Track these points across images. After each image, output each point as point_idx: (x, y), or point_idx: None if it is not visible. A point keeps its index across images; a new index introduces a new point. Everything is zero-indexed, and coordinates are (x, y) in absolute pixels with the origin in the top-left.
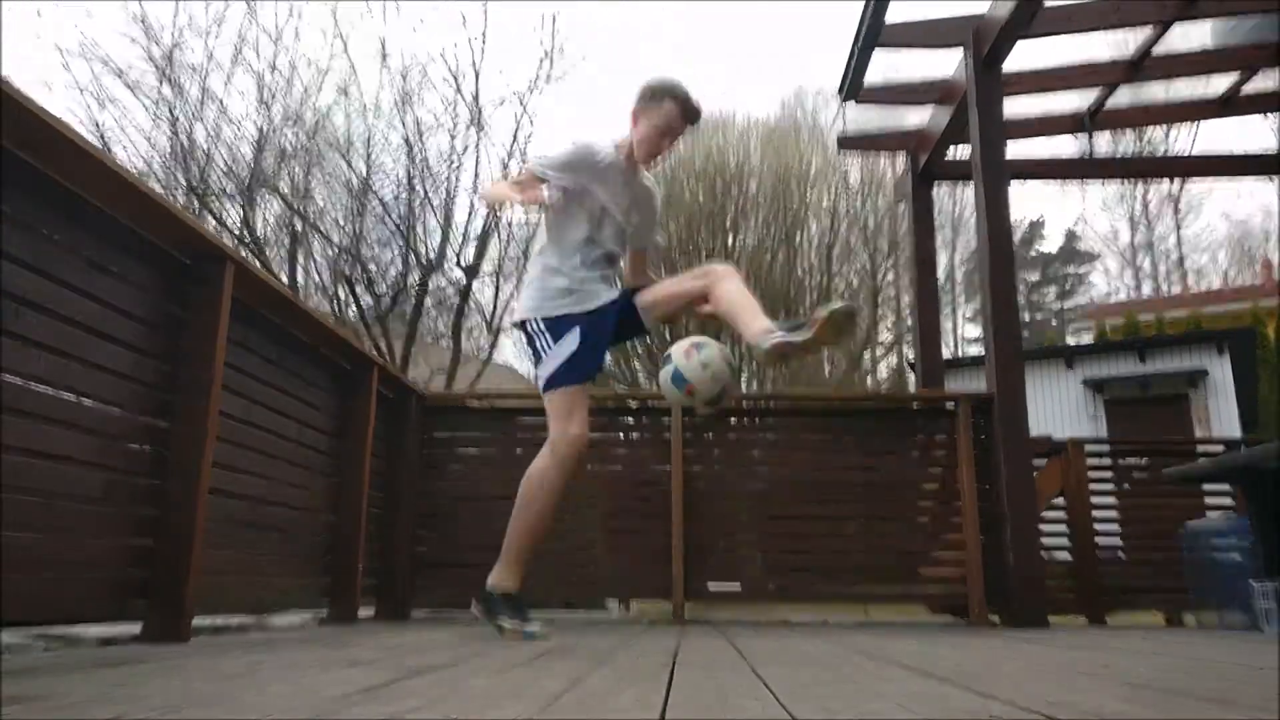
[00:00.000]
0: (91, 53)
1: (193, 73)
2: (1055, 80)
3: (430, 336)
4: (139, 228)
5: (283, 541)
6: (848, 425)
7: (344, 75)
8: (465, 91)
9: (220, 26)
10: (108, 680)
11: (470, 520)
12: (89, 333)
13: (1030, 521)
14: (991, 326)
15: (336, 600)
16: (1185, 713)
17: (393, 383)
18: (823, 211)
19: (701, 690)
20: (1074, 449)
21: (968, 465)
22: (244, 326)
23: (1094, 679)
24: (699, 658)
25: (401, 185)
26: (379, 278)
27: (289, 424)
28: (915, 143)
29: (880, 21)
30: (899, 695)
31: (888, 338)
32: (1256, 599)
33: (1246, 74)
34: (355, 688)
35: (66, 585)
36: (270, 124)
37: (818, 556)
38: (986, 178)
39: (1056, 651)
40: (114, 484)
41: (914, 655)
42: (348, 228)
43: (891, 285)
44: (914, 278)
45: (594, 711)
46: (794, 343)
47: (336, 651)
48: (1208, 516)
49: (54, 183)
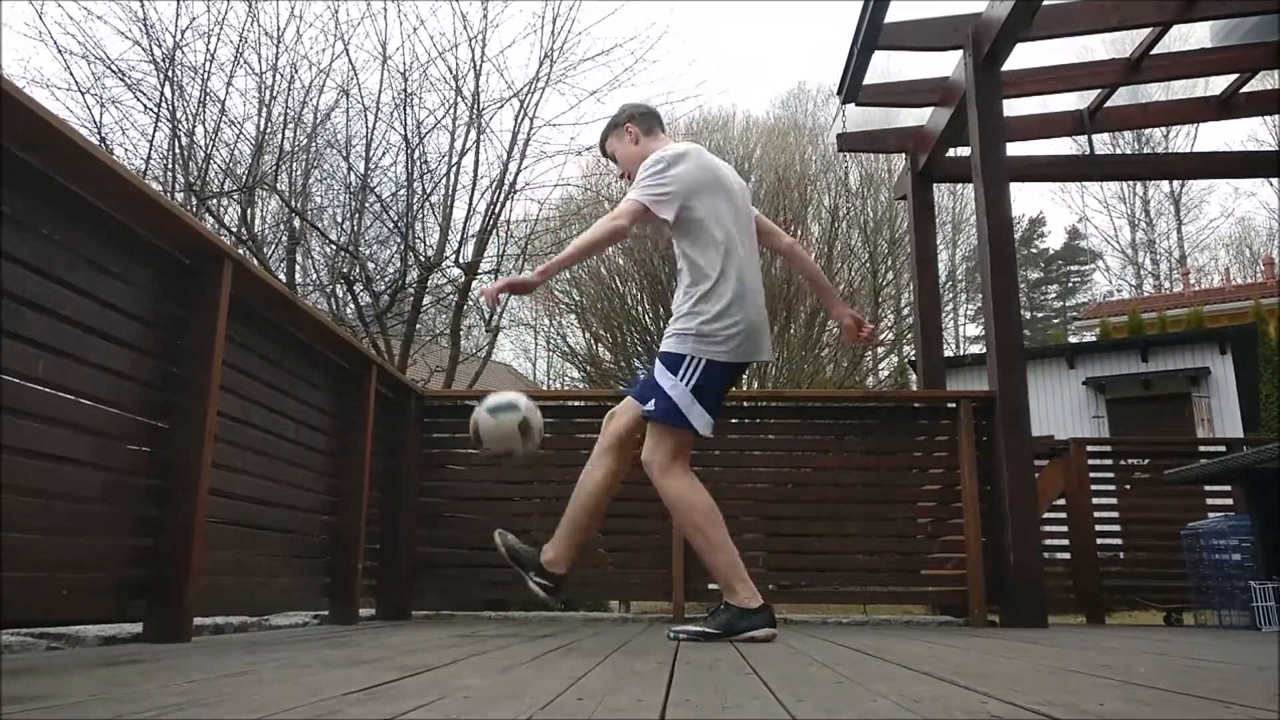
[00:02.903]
0: (92, 53)
1: (194, 74)
2: (1055, 80)
3: (429, 335)
4: (138, 227)
5: (282, 541)
6: (848, 425)
7: (344, 76)
8: (465, 91)
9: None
10: (108, 680)
11: (470, 520)
12: (87, 332)
13: (1031, 522)
14: (993, 326)
15: (336, 600)
16: (1185, 713)
17: (392, 382)
18: (823, 210)
19: (701, 690)
20: (1076, 449)
21: (969, 465)
22: (242, 326)
23: (1094, 679)
24: (699, 658)
25: (400, 184)
26: (378, 276)
27: (288, 423)
28: (915, 142)
29: (879, 22)
30: (899, 695)
31: (889, 337)
32: (1256, 599)
33: (1246, 74)
34: (355, 687)
35: (66, 585)
36: (270, 124)
37: (818, 556)
38: (986, 178)
39: (1056, 651)
40: (113, 484)
41: (914, 655)
42: (346, 226)
43: (892, 285)
44: (914, 276)
45: (594, 711)
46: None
47: (337, 651)
48: (1208, 517)
49: (53, 182)
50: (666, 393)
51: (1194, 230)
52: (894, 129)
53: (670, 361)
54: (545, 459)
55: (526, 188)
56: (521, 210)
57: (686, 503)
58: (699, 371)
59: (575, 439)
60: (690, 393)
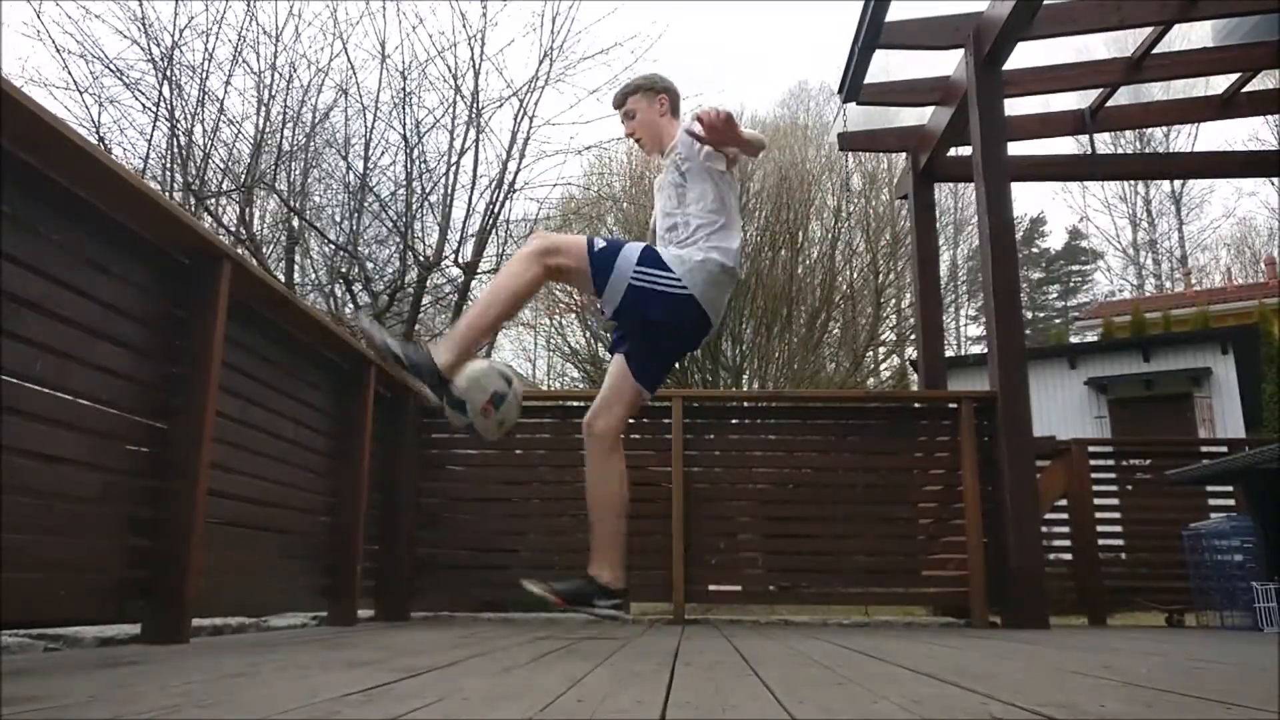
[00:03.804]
0: (90, 52)
1: (192, 73)
2: (1055, 80)
3: (429, 336)
4: (136, 227)
5: (281, 542)
6: (850, 425)
7: (343, 74)
8: (464, 90)
9: (220, 26)
10: (107, 680)
11: (469, 521)
12: (85, 332)
13: (1032, 523)
14: (994, 325)
15: (335, 601)
16: (1185, 713)
17: (391, 383)
18: (826, 209)
19: (701, 690)
20: (1077, 449)
21: (970, 465)
22: (241, 326)
23: (1095, 680)
24: (699, 658)
25: (399, 183)
26: (376, 276)
27: (287, 424)
28: (916, 141)
29: (880, 22)
30: (899, 696)
31: (890, 337)
32: (1257, 599)
33: (1247, 74)
34: (355, 688)
35: (66, 586)
36: (269, 123)
37: (819, 557)
38: (988, 178)
39: (1057, 652)
40: (112, 484)
41: (914, 656)
42: (345, 226)
43: (893, 285)
44: (916, 276)
45: (594, 712)
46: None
47: (336, 652)
48: (1210, 518)
49: (52, 182)
50: (622, 267)
51: (1195, 230)
52: (895, 128)
53: (653, 262)
54: (543, 459)
55: (526, 187)
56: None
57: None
58: (675, 302)
59: (574, 439)
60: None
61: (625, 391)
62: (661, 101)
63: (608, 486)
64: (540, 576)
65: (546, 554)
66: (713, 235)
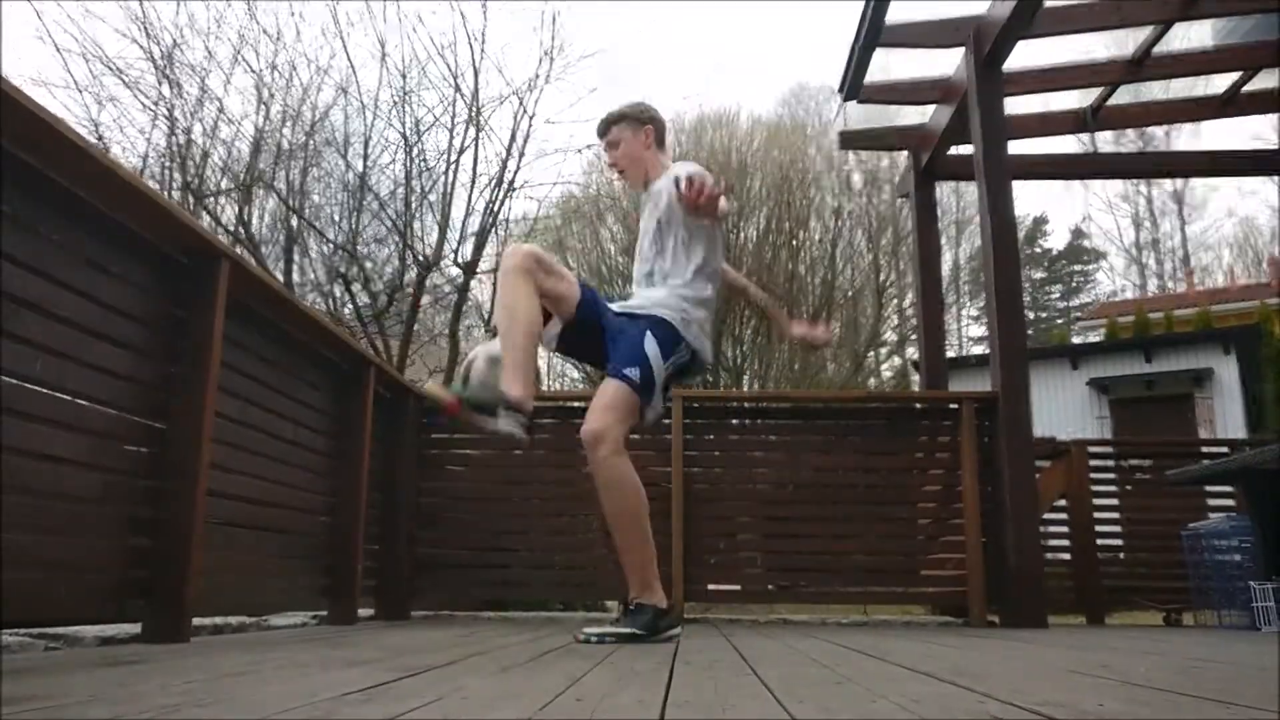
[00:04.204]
0: (90, 51)
1: (192, 72)
2: (1056, 79)
3: (428, 335)
4: (135, 226)
5: (281, 542)
6: (850, 425)
7: (343, 74)
8: (464, 89)
9: (220, 25)
10: (107, 680)
11: (469, 520)
12: (84, 332)
13: (1032, 523)
14: (996, 326)
15: (335, 601)
16: (1185, 713)
17: (390, 382)
18: (826, 209)
19: (701, 690)
20: (1077, 450)
21: (970, 466)
22: (240, 326)
23: (1093, 679)
24: (699, 658)
25: (399, 182)
26: (376, 276)
27: (286, 424)
28: (917, 141)
29: (880, 21)
30: (898, 695)
31: (891, 337)
32: (1256, 599)
33: (1247, 74)
34: (354, 688)
35: (66, 585)
36: (268, 122)
37: (818, 556)
38: (989, 177)
39: (1056, 652)
40: (112, 484)
41: (914, 655)
42: (344, 225)
43: (895, 285)
44: (917, 276)
45: (593, 711)
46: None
47: (336, 651)
48: (1209, 517)
49: (52, 181)
50: (650, 363)
51: (1198, 230)
52: (896, 127)
53: (665, 338)
54: (542, 459)
55: (526, 186)
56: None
57: (634, 487)
58: (684, 358)
59: (574, 439)
60: (667, 376)
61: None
62: (648, 133)
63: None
64: (540, 577)
65: (547, 553)
66: (685, 286)
